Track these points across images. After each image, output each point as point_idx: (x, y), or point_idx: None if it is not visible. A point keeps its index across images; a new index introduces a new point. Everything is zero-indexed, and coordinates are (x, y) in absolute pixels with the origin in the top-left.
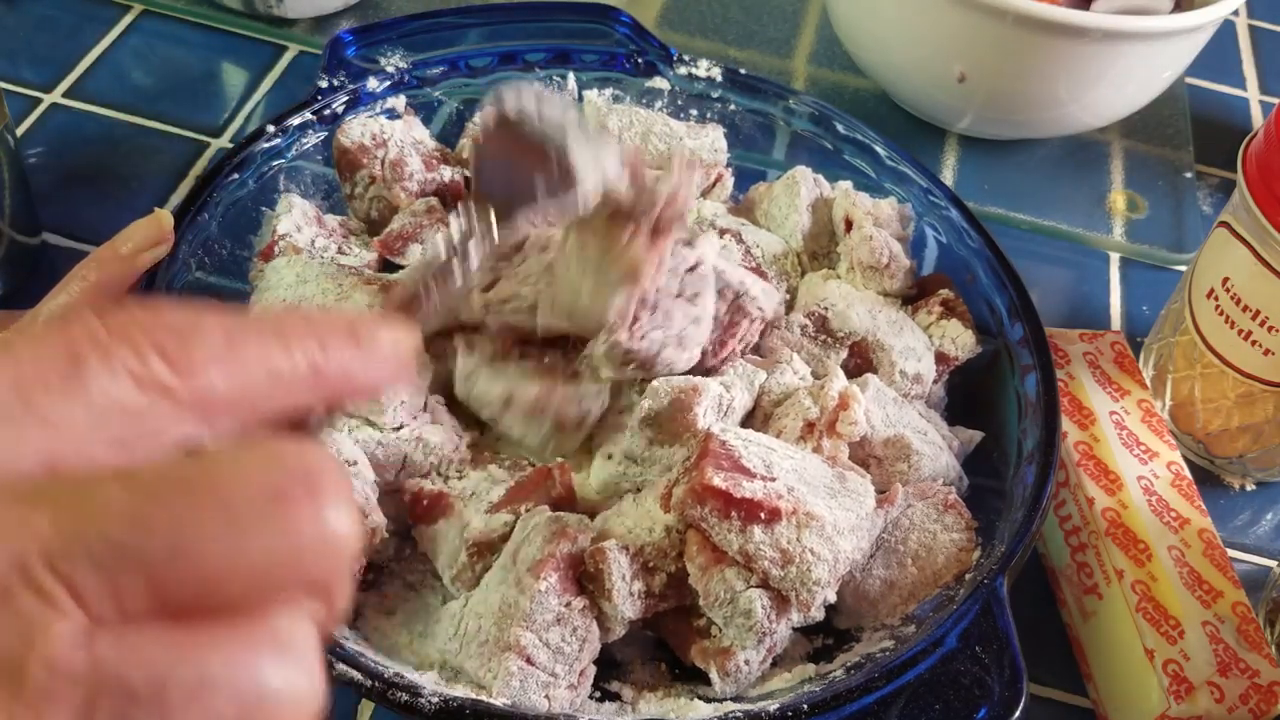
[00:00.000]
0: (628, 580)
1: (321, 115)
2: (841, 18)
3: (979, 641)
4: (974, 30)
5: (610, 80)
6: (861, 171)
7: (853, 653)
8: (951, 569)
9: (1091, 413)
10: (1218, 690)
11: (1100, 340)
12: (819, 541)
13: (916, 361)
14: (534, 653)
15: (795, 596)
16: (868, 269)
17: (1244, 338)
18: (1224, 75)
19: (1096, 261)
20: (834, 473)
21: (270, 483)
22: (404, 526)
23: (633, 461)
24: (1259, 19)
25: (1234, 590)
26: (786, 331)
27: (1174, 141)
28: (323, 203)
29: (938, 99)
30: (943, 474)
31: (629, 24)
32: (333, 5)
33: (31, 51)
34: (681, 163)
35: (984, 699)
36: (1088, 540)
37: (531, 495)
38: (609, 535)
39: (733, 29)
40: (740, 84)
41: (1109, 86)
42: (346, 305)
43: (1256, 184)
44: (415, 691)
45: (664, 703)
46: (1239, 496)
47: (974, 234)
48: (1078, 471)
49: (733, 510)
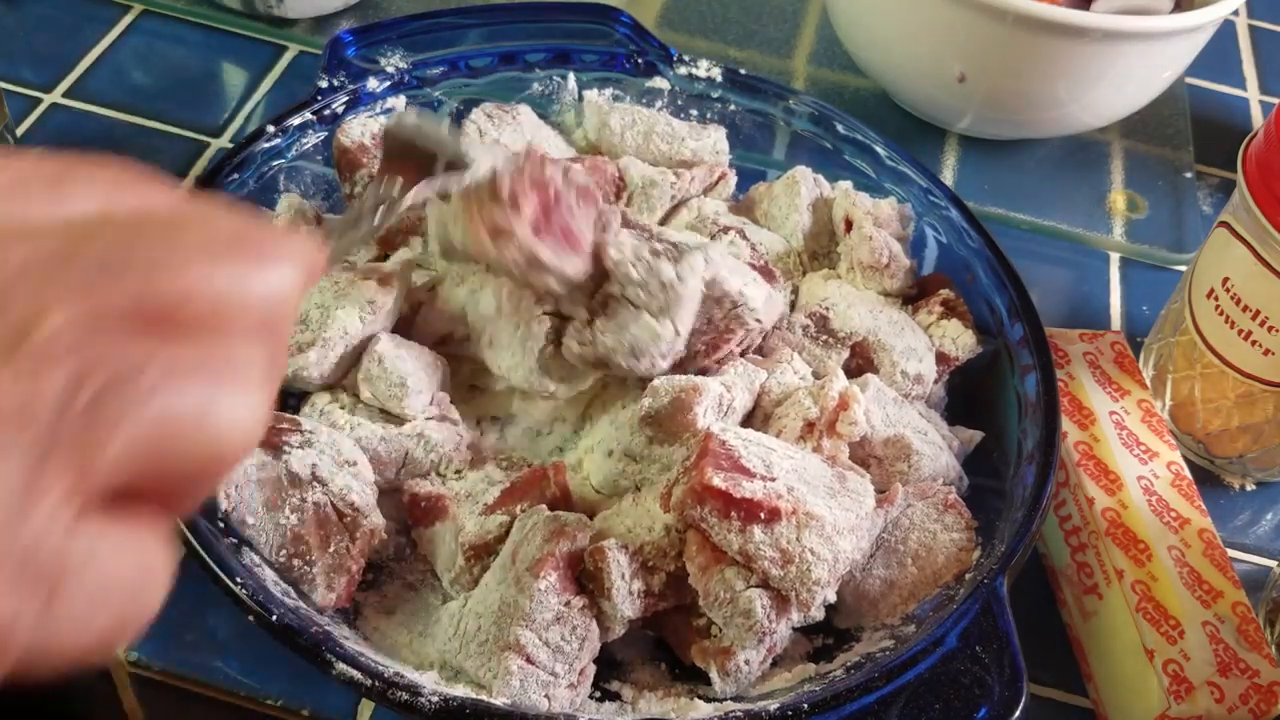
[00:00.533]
0: (627, 579)
1: (321, 115)
2: (841, 18)
3: (979, 641)
4: (974, 30)
5: (610, 80)
6: (861, 171)
7: (853, 652)
8: (951, 569)
9: (1091, 413)
10: (1218, 690)
11: (1100, 340)
12: (819, 541)
13: (917, 362)
14: (534, 652)
15: (795, 596)
16: (868, 269)
17: (1244, 338)
18: (1224, 75)
19: (1096, 261)
20: (834, 473)
21: (237, 232)
22: (404, 526)
23: (632, 460)
24: (1259, 19)
25: (1234, 590)
26: (787, 332)
27: (1174, 141)
28: (323, 203)
29: (938, 99)
30: (943, 474)
31: (629, 24)
32: (333, 5)
33: (31, 51)
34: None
35: (984, 699)
36: (1088, 540)
37: (527, 496)
38: (608, 534)
39: (733, 29)
40: (740, 84)
41: (1109, 86)
42: (346, 302)
43: (1256, 184)
44: (415, 691)
45: (664, 702)
46: (1239, 496)
47: (974, 234)
48: (1078, 471)
49: (732, 510)
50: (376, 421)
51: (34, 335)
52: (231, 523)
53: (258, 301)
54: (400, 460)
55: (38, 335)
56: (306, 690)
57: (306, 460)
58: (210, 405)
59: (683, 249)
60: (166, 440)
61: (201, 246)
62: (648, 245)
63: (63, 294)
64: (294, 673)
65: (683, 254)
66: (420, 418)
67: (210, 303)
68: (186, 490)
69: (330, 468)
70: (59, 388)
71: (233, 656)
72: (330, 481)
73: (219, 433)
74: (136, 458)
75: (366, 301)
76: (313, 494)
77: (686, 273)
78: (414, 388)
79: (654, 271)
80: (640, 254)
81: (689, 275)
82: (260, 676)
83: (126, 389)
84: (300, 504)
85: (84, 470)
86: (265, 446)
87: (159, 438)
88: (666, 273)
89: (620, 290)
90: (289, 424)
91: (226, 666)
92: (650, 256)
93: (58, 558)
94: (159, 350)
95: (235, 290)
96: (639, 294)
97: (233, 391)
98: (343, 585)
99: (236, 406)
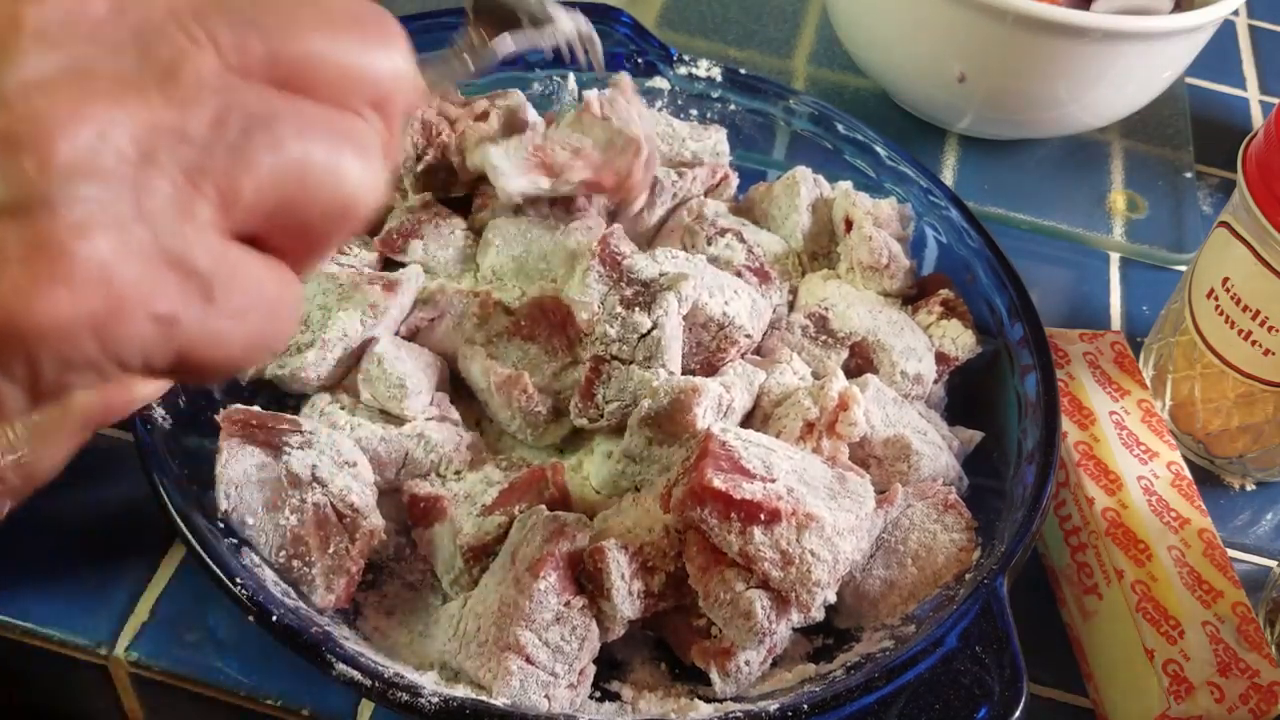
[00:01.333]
0: (627, 579)
1: None
2: (841, 18)
3: (979, 641)
4: (974, 30)
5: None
6: (861, 171)
7: (853, 652)
8: (951, 569)
9: (1091, 413)
10: (1218, 690)
11: (1100, 340)
12: (819, 543)
13: (917, 362)
14: (534, 652)
15: (795, 597)
16: (868, 269)
17: (1244, 338)
18: (1224, 75)
19: (1096, 261)
20: (834, 473)
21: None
22: (404, 526)
23: (632, 460)
24: (1259, 19)
25: (1234, 590)
26: (787, 332)
27: (1174, 141)
28: None
29: (938, 99)
30: (943, 474)
31: (629, 24)
32: None
33: None
34: None
35: (984, 699)
36: (1088, 540)
37: (525, 496)
38: (608, 534)
39: (733, 29)
40: (740, 84)
41: (1109, 86)
42: (349, 305)
43: (1256, 184)
44: (415, 691)
45: (664, 703)
46: (1239, 496)
47: (974, 234)
48: (1078, 471)
49: (732, 512)
50: (376, 422)
51: (182, 74)
52: (231, 523)
53: (376, 78)
54: (400, 461)
55: (186, 74)
56: (306, 690)
57: (306, 461)
58: (340, 160)
59: (654, 289)
60: (302, 184)
61: (325, 19)
62: (617, 295)
63: (204, 42)
64: (294, 673)
65: (655, 295)
66: (420, 418)
67: (336, 70)
68: (314, 241)
69: (330, 468)
70: (207, 120)
71: (233, 656)
72: (330, 482)
73: (349, 186)
74: (275, 196)
75: (369, 305)
76: (313, 495)
77: (662, 317)
78: (413, 389)
79: (630, 325)
80: (613, 309)
81: (665, 319)
82: (260, 676)
83: (266, 132)
84: (300, 505)
85: (230, 196)
86: (265, 447)
87: (296, 180)
88: (643, 324)
89: (604, 350)
90: (289, 424)
91: (226, 666)
92: (623, 310)
93: (212, 264)
94: (292, 104)
95: (356, 63)
96: (621, 349)
97: (358, 155)
98: (342, 586)
99: (364, 168)
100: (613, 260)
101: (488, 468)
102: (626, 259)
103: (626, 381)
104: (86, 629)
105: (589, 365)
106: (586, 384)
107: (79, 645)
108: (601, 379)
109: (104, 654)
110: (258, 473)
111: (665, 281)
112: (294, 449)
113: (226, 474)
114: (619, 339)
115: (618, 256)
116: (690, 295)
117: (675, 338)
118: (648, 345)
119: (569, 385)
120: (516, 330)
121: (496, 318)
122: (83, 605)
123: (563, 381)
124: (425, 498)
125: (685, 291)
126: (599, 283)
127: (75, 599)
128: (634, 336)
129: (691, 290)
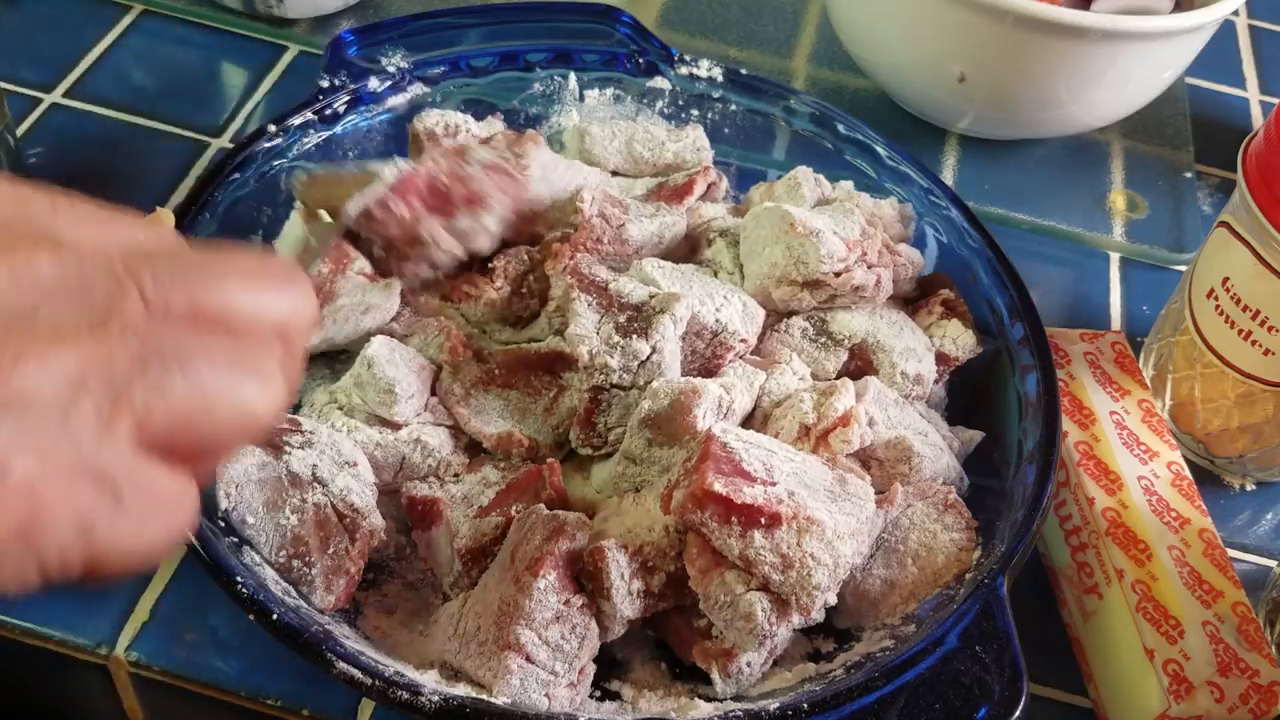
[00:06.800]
0: (626, 579)
1: (322, 115)
2: (841, 18)
3: (979, 641)
4: (974, 30)
5: (611, 80)
6: (862, 171)
7: (853, 652)
8: (951, 569)
9: (1092, 412)
10: (1218, 690)
11: (1100, 340)
12: (819, 546)
13: (917, 362)
14: (533, 651)
15: (795, 601)
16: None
17: (1244, 338)
18: (1224, 75)
19: (1096, 261)
20: (834, 475)
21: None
22: (405, 525)
23: (632, 462)
24: (1259, 19)
25: (1234, 590)
26: (786, 334)
27: (1174, 141)
28: None
29: (938, 99)
30: (943, 474)
31: (630, 24)
32: (333, 5)
33: (32, 51)
34: None
35: (984, 699)
36: (1088, 540)
37: (522, 496)
38: (608, 534)
39: (733, 29)
40: (740, 84)
41: (1109, 86)
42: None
43: (1256, 184)
44: (415, 690)
45: (664, 702)
46: (1239, 496)
47: (974, 234)
48: (1078, 471)
49: (733, 516)
50: (373, 426)
51: (112, 319)
52: (231, 522)
53: (279, 316)
54: (397, 465)
55: (115, 319)
56: (307, 690)
57: (307, 461)
58: (240, 386)
59: (647, 313)
60: (207, 406)
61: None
62: (611, 321)
63: (133, 292)
64: (294, 672)
65: (650, 320)
66: (414, 422)
67: (246, 313)
68: (215, 447)
69: (330, 468)
70: (133, 354)
71: (233, 656)
72: (330, 482)
73: (244, 407)
74: (182, 415)
75: (372, 304)
76: (313, 495)
77: (660, 342)
78: (403, 394)
79: (630, 353)
80: (610, 338)
81: (664, 342)
82: (260, 676)
83: (181, 366)
84: (300, 505)
85: (144, 415)
86: (265, 446)
87: (201, 404)
88: (642, 350)
89: (604, 380)
90: (289, 424)
91: (226, 666)
92: (621, 338)
93: (124, 473)
94: (205, 342)
95: (261, 305)
96: (622, 378)
97: (257, 380)
98: (342, 587)
99: (260, 390)
100: (596, 287)
101: (486, 469)
102: (612, 283)
103: (627, 407)
104: (86, 629)
105: (588, 396)
106: (586, 414)
107: (79, 645)
108: (601, 408)
109: (104, 654)
110: (258, 472)
111: (657, 304)
112: (294, 448)
113: (227, 473)
114: (622, 368)
115: (600, 283)
116: (684, 315)
117: (674, 355)
118: (648, 370)
119: (564, 415)
120: (492, 380)
121: (467, 368)
122: (83, 605)
123: (556, 414)
124: (423, 501)
125: (679, 312)
126: (591, 311)
127: (75, 599)
128: (634, 364)
129: (685, 310)
